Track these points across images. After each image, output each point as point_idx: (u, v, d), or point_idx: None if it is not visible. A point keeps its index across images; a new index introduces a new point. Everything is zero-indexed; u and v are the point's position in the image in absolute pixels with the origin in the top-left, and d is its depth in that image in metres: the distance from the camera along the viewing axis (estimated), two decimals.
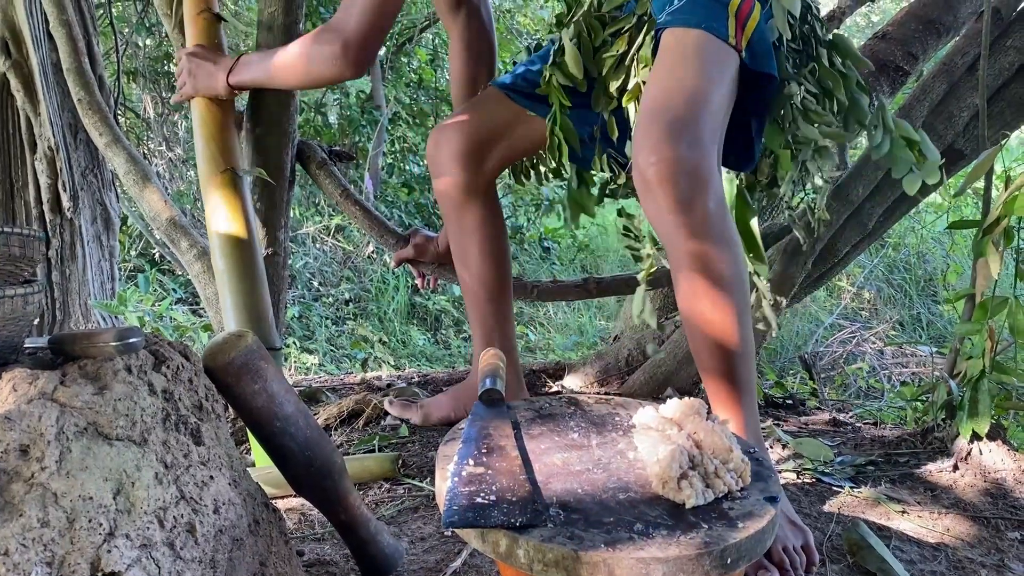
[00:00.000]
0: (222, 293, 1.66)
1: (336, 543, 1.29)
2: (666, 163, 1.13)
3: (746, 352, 1.20)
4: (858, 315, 5.60)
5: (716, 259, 1.16)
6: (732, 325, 1.18)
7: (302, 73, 1.56)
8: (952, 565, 1.33)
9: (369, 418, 1.92)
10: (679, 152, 1.13)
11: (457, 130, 1.62)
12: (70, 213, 2.76)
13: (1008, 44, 2.09)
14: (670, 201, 1.14)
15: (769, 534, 0.84)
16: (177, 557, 0.76)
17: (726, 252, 1.17)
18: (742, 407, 1.21)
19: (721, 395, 1.22)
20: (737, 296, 1.19)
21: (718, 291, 1.17)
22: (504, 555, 0.79)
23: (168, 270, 5.26)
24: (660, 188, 1.14)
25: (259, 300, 1.66)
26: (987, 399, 1.67)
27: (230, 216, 1.67)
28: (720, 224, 1.17)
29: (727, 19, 1.24)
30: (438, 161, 1.64)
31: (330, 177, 2.03)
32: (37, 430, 0.70)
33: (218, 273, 1.67)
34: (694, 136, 1.14)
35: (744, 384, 1.21)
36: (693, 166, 1.13)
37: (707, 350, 1.21)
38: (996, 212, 1.60)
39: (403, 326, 5.42)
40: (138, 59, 5.35)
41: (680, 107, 1.16)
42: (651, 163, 1.14)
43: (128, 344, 0.79)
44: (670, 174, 1.13)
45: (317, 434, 1.01)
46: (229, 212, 1.67)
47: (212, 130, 1.72)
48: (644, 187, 1.17)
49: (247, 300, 1.64)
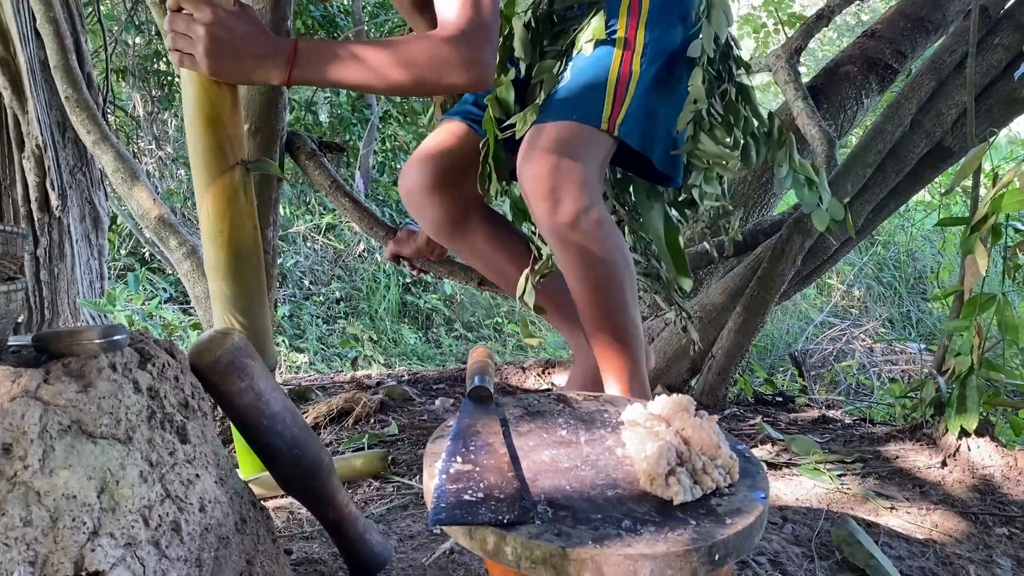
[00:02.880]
0: (222, 314, 1.37)
1: (324, 542, 1.29)
2: (554, 228, 1.34)
3: (613, 306, 1.39)
4: (848, 313, 5.62)
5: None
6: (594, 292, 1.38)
7: (412, 80, 1.26)
8: (940, 561, 1.34)
9: (359, 416, 1.91)
10: (566, 219, 1.32)
11: (423, 165, 1.60)
12: (58, 212, 2.75)
13: (996, 42, 2.10)
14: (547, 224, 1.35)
15: (757, 530, 0.84)
16: (162, 556, 0.75)
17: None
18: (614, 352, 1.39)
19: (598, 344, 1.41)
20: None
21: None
22: (492, 552, 0.79)
23: (158, 269, 5.24)
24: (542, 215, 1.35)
25: (264, 321, 1.40)
26: (975, 395, 1.67)
27: (242, 225, 1.34)
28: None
29: (603, 101, 1.37)
30: (414, 201, 1.63)
31: (320, 168, 2.01)
32: (20, 428, 0.69)
33: (218, 292, 1.36)
34: (573, 198, 1.32)
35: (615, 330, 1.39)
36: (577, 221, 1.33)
37: (584, 311, 1.41)
38: (984, 209, 1.61)
39: (394, 324, 5.42)
40: (127, 57, 5.32)
41: (559, 190, 1.33)
42: (546, 228, 1.36)
43: (112, 341, 0.79)
44: (555, 228, 1.34)
45: (305, 432, 1.01)
46: (240, 220, 1.33)
47: (216, 111, 1.28)
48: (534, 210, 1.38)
49: (255, 323, 1.37)
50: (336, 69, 1.25)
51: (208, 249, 1.35)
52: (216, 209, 1.31)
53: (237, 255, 1.34)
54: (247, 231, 1.34)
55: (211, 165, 1.30)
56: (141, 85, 5.54)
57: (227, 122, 1.29)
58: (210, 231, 1.33)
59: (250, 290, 1.36)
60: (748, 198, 2.47)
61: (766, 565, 1.26)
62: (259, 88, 1.81)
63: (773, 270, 2.04)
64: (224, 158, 1.30)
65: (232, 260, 1.33)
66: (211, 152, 1.30)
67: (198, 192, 1.34)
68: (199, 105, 1.28)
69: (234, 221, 1.32)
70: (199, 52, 1.18)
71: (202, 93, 1.27)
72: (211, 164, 1.30)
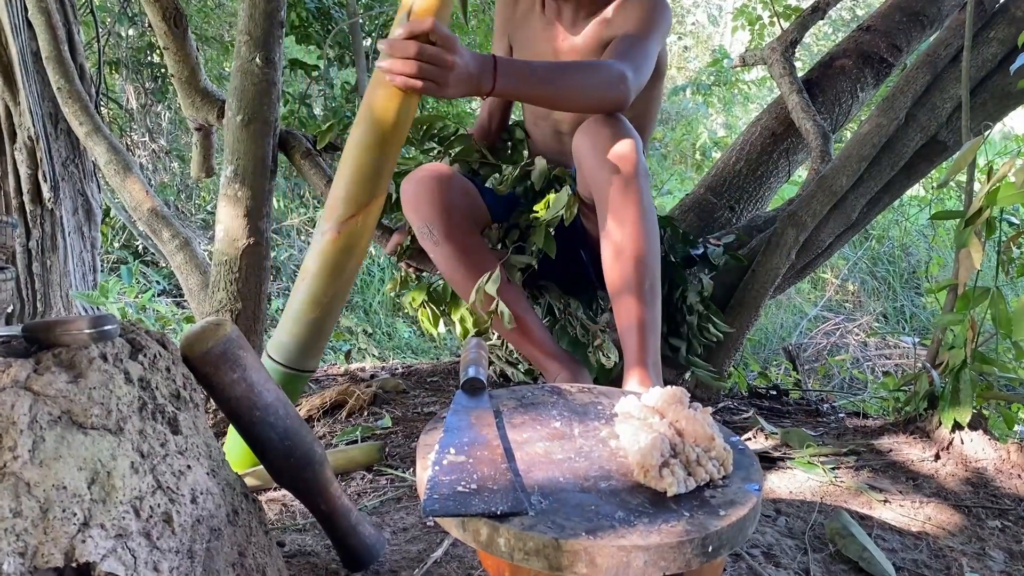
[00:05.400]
0: (296, 306, 1.44)
1: (318, 534, 1.28)
2: (623, 172, 1.51)
3: (654, 257, 1.54)
4: (842, 307, 5.63)
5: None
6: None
7: (582, 101, 1.53)
8: (933, 554, 1.34)
9: (352, 409, 1.91)
10: (634, 168, 1.51)
11: (431, 180, 1.68)
12: (51, 204, 2.74)
13: (991, 36, 2.10)
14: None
15: (751, 522, 0.84)
16: (153, 547, 0.75)
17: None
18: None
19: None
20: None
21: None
22: (485, 544, 0.78)
23: (152, 262, 5.23)
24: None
25: (328, 329, 1.49)
26: (969, 389, 1.68)
27: (360, 250, 1.44)
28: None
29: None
30: (416, 206, 1.67)
31: (315, 168, 2.01)
32: (9, 419, 0.68)
33: (310, 297, 1.43)
34: (638, 153, 1.54)
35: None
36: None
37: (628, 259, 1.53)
38: (978, 203, 1.61)
39: (388, 318, 5.41)
40: (120, 49, 5.29)
41: (628, 144, 1.54)
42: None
43: (103, 332, 0.78)
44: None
45: (297, 423, 1.00)
46: (362, 246, 1.43)
47: (390, 134, 1.35)
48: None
49: (322, 328, 1.47)
50: (529, 84, 1.43)
51: (312, 260, 1.42)
52: (342, 229, 1.39)
53: (332, 270, 1.42)
54: (360, 255, 1.45)
55: (363, 181, 1.37)
56: (134, 77, 5.51)
57: (394, 145, 1.37)
58: (320, 246, 1.40)
59: (335, 302, 1.46)
60: (743, 192, 2.47)
61: (759, 557, 1.26)
62: (252, 79, 1.80)
63: (767, 264, 2.04)
64: (375, 184, 1.38)
65: (327, 274, 1.42)
66: (367, 171, 1.37)
67: (336, 204, 1.39)
68: (378, 128, 1.34)
69: (359, 245, 1.42)
70: (448, 79, 1.28)
71: (401, 116, 1.34)
72: (364, 179, 1.37)
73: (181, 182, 5.94)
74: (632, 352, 1.51)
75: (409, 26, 1.25)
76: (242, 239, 1.85)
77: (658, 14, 1.68)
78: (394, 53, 1.26)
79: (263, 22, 1.80)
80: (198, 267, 2.07)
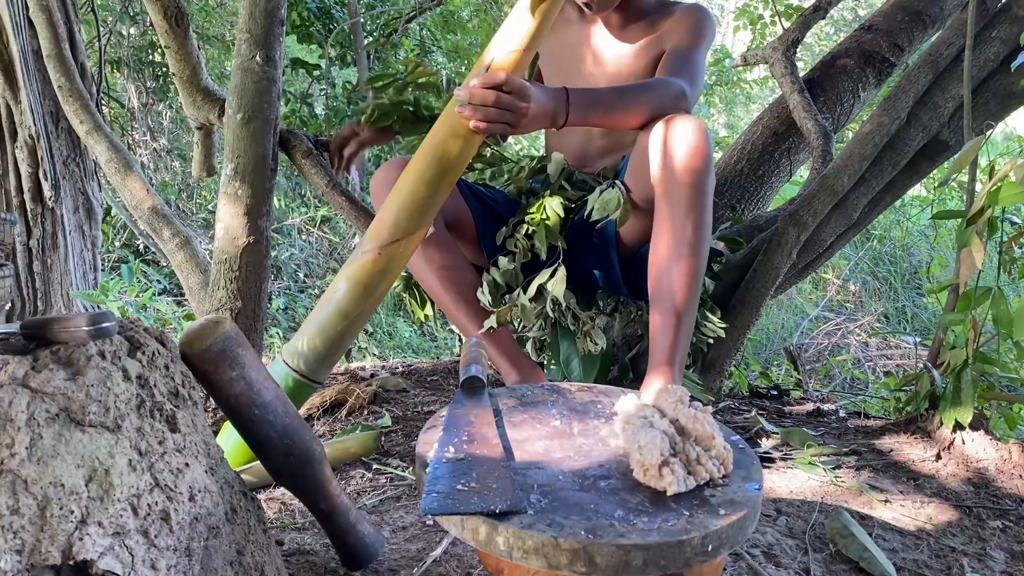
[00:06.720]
0: (323, 317, 1.46)
1: (316, 532, 1.28)
2: (694, 169, 1.49)
3: (704, 247, 1.53)
4: (843, 307, 5.63)
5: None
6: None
7: (647, 120, 1.56)
8: (934, 554, 1.34)
9: (352, 408, 1.90)
10: (705, 164, 1.51)
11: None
12: (52, 202, 2.73)
13: (993, 35, 2.09)
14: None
15: (751, 521, 0.83)
16: (151, 545, 0.74)
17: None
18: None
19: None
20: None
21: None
22: (484, 542, 0.78)
23: (152, 261, 5.23)
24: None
25: (346, 344, 1.51)
26: (970, 389, 1.67)
27: (394, 274, 1.47)
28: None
29: None
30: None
31: (316, 167, 2.01)
32: (7, 416, 0.68)
33: (338, 310, 1.45)
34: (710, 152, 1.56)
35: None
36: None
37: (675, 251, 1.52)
38: (980, 202, 1.60)
39: (389, 317, 5.41)
40: (122, 48, 5.29)
41: (702, 145, 1.53)
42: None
43: (101, 329, 0.78)
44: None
45: (296, 422, 1.00)
46: (396, 270, 1.47)
47: (449, 171, 1.43)
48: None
49: (342, 342, 1.48)
50: (596, 112, 1.50)
51: (345, 276, 1.46)
52: (385, 253, 1.43)
53: (362, 288, 1.45)
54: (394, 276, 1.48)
55: (409, 207, 1.42)
56: (136, 76, 5.51)
57: (447, 181, 1.43)
58: (360, 262, 1.44)
59: (356, 317, 1.47)
60: (744, 191, 2.46)
61: (760, 557, 1.25)
62: (252, 77, 1.80)
63: (768, 263, 2.04)
64: (423, 214, 1.43)
65: (357, 291, 1.44)
66: (415, 202, 1.42)
67: (386, 238, 1.43)
68: (440, 165, 1.41)
69: (394, 270, 1.46)
70: (521, 122, 1.38)
71: (463, 156, 1.42)
72: (409, 207, 1.42)
73: (182, 181, 5.95)
74: (663, 350, 1.48)
75: (485, 77, 1.35)
76: (242, 237, 1.84)
77: (705, 26, 1.75)
78: (473, 100, 1.35)
79: (263, 20, 1.80)
80: (198, 266, 2.07)
